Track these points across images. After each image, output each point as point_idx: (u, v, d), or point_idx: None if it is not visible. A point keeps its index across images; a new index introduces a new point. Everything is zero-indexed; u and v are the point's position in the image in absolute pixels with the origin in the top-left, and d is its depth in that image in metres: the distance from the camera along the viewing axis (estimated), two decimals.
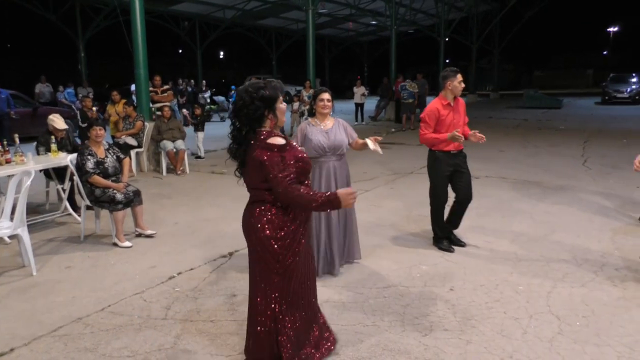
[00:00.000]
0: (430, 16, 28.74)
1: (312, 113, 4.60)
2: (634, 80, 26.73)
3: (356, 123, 18.50)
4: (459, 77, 4.89)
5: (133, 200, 5.42)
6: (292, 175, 2.57)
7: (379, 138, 4.47)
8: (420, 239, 5.43)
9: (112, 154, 5.52)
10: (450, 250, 5.06)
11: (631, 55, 42.94)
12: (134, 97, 11.71)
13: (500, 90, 36.09)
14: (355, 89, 19.25)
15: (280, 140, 2.60)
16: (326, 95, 4.39)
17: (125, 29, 9.80)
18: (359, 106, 18.93)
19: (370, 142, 4.37)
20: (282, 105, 2.70)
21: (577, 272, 4.47)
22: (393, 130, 16.37)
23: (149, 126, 9.41)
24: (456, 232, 5.36)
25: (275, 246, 2.68)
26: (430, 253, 5.03)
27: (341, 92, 32.96)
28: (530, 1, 31.33)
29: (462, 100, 5.09)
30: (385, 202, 6.95)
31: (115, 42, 17.06)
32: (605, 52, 47.97)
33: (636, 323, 3.53)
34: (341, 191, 2.56)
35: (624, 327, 3.48)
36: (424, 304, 3.90)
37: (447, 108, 4.94)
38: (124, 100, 9.88)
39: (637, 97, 24.68)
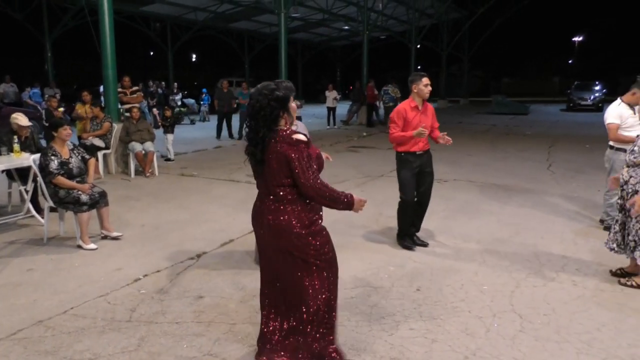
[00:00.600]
0: (402, 22, 29.09)
1: None
2: (597, 87, 27.58)
3: (328, 127, 18.58)
4: (424, 80, 5.02)
5: (99, 201, 5.32)
6: (316, 171, 2.70)
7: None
8: (389, 240, 5.48)
9: (76, 154, 5.41)
10: (412, 249, 5.19)
11: (595, 63, 44.29)
12: (102, 99, 11.51)
13: (470, 97, 36.74)
14: (327, 93, 19.34)
15: (303, 137, 2.68)
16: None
17: (93, 29, 9.63)
18: (331, 110, 19.01)
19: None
20: (293, 104, 2.83)
21: (540, 272, 4.58)
22: (365, 134, 16.49)
23: (117, 127, 9.26)
24: (425, 233, 5.44)
25: (314, 242, 2.75)
26: (399, 254, 5.09)
27: (314, 96, 33.08)
28: (499, 10, 32.04)
29: (430, 106, 5.26)
30: None
31: (84, 43, 16.75)
32: (570, 61, 49.30)
33: (594, 320, 3.64)
34: (357, 197, 2.80)
35: (583, 324, 3.59)
36: (391, 304, 3.94)
37: (415, 110, 5.08)
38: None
39: (600, 104, 25.43)
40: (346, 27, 30.18)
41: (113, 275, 4.50)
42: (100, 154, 8.91)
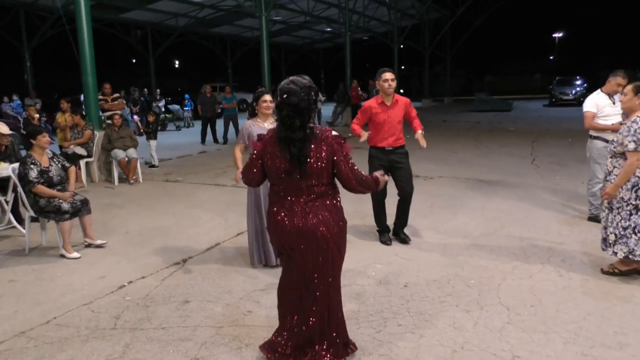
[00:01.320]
0: (384, 23, 29.22)
1: (253, 114, 4.75)
2: (579, 82, 27.94)
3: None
4: (384, 75, 5.01)
5: (81, 209, 5.24)
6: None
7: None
8: (376, 238, 5.47)
9: (56, 162, 5.33)
10: (387, 244, 5.24)
11: (575, 59, 44.85)
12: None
13: (453, 96, 36.99)
14: None
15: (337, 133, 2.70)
16: (268, 97, 4.62)
17: (72, 37, 9.52)
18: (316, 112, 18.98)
19: None
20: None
21: (526, 264, 4.60)
22: (350, 134, 16.49)
23: (98, 135, 9.15)
24: (411, 229, 5.43)
25: (345, 228, 2.84)
26: (385, 251, 5.08)
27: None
28: (478, 9, 32.35)
29: (403, 100, 5.22)
30: (342, 203, 6.97)
31: (64, 51, 16.57)
32: (551, 57, 49.87)
33: (580, 310, 3.66)
34: (377, 174, 2.95)
35: (569, 314, 3.60)
36: (378, 301, 3.93)
37: (382, 107, 5.11)
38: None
39: (581, 99, 25.66)
40: (328, 29, 30.24)
41: (97, 283, 4.43)
42: (82, 163, 8.81)
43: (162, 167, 10.69)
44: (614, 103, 5.56)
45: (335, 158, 2.64)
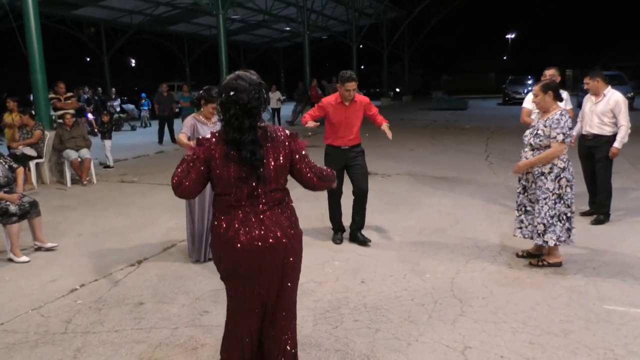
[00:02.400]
0: (342, 22, 29.40)
1: (198, 106, 4.71)
2: (530, 82, 28.83)
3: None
4: (347, 85, 4.88)
5: (29, 212, 5.06)
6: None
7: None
8: (331, 236, 5.50)
9: (3, 163, 5.13)
10: (337, 243, 5.25)
11: (527, 58, 46.37)
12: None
13: (411, 94, 37.57)
14: (270, 94, 19.17)
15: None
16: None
17: (19, 35, 9.17)
18: (275, 111, 18.95)
19: None
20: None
21: (479, 258, 4.74)
22: (310, 133, 16.51)
23: (49, 135, 8.85)
24: (368, 226, 5.49)
25: (302, 238, 2.56)
26: (344, 249, 5.13)
27: None
28: (434, 9, 32.99)
29: (362, 99, 5.17)
30: (299, 202, 6.94)
31: (12, 49, 15.95)
32: (505, 57, 51.35)
33: (529, 300, 3.80)
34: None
35: (518, 304, 3.73)
36: (335, 297, 3.96)
37: (340, 106, 5.06)
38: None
39: None
40: (287, 28, 30.17)
41: (47, 287, 4.29)
42: (32, 164, 8.50)
43: (117, 168, 10.43)
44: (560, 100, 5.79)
45: (293, 158, 2.41)
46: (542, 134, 4.26)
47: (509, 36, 49.08)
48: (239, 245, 2.32)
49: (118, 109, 20.35)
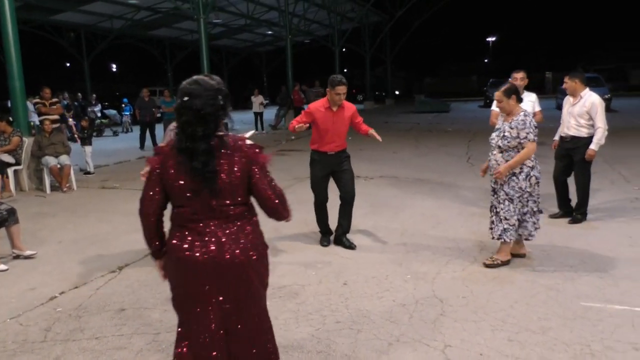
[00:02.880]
0: (325, 26, 29.52)
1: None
2: None
3: (257, 132, 18.49)
4: (337, 89, 4.87)
5: (7, 219, 4.99)
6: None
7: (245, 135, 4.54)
8: (315, 239, 5.52)
9: None
10: (324, 245, 5.26)
11: (508, 61, 46.89)
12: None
13: (394, 97, 37.83)
14: (253, 98, 19.25)
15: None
16: None
17: None
18: (258, 115, 18.94)
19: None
20: None
21: (459, 258, 4.79)
22: (293, 137, 16.54)
23: (27, 141, 8.74)
24: (351, 228, 5.50)
25: (267, 260, 2.35)
26: (327, 251, 5.14)
27: (241, 103, 32.81)
28: (416, 13, 33.28)
29: (349, 106, 5.13)
30: None
31: None
32: (486, 60, 52.00)
33: (508, 298, 3.85)
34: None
35: (498, 303, 3.79)
36: (318, 300, 3.97)
37: (328, 112, 5.03)
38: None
39: None
40: (269, 32, 30.21)
41: (26, 296, 4.24)
42: (10, 171, 8.38)
43: (98, 174, 10.33)
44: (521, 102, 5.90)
45: (250, 171, 2.19)
46: (510, 136, 4.34)
47: (490, 39, 49.74)
48: (193, 261, 2.15)
49: (99, 115, 20.17)
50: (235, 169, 2.15)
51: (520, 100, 4.47)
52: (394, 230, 5.76)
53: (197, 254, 2.15)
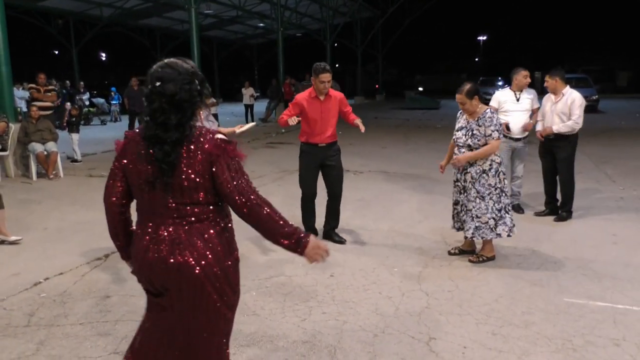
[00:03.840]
0: (317, 20, 29.43)
1: None
2: (500, 83, 29.33)
3: (256, 124, 18.42)
4: (322, 77, 4.80)
5: None
6: (250, 181, 2.01)
7: (244, 126, 4.53)
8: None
9: None
10: None
11: (498, 60, 47.17)
12: None
13: (385, 93, 37.85)
14: (243, 91, 19.18)
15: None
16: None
17: None
18: (249, 107, 18.87)
19: (237, 130, 4.44)
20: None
21: (446, 252, 4.82)
22: (283, 130, 16.51)
23: (14, 127, 8.63)
24: (340, 222, 5.50)
25: (233, 272, 2.05)
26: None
27: (232, 95, 32.66)
28: (408, 9, 33.34)
29: (336, 94, 5.08)
30: (271, 198, 6.93)
31: None
32: (477, 58, 52.24)
33: (493, 293, 3.89)
34: (313, 242, 2.05)
35: (483, 297, 3.83)
36: (304, 291, 3.99)
37: (315, 101, 4.95)
38: None
39: None
40: (261, 25, 30.04)
41: (9, 281, 4.20)
42: None
43: (85, 162, 10.25)
44: (517, 100, 5.95)
45: (214, 168, 1.93)
46: (479, 134, 4.38)
47: (480, 38, 49.96)
48: (148, 258, 1.98)
49: (87, 103, 19.96)
50: (196, 164, 1.92)
51: (482, 99, 4.49)
52: (382, 224, 5.78)
53: (151, 254, 1.97)
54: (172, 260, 1.93)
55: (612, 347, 3.11)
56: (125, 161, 2.01)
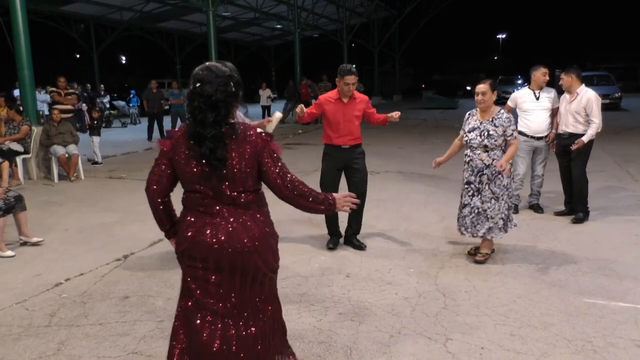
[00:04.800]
0: (333, 21, 29.44)
1: None
2: (520, 82, 29.09)
3: (280, 114, 18.51)
4: (347, 79, 4.73)
5: (14, 206, 5.04)
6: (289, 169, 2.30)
7: (271, 119, 4.53)
8: (320, 232, 5.52)
9: None
10: (330, 248, 4.97)
11: (517, 59, 46.66)
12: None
13: (402, 93, 37.68)
14: (261, 92, 19.28)
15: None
16: None
17: (6, 30, 9.14)
18: (266, 109, 18.95)
19: (267, 124, 4.40)
20: None
21: (463, 253, 4.79)
22: (300, 131, 16.55)
23: (36, 130, 8.80)
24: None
25: (276, 246, 2.39)
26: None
27: (249, 96, 32.84)
28: (425, 9, 33.14)
29: (361, 97, 4.98)
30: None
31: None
32: (495, 57, 51.71)
33: (510, 294, 3.85)
34: (338, 195, 2.39)
35: (500, 298, 3.79)
36: (320, 291, 3.99)
37: (338, 103, 4.90)
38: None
39: None
40: (278, 26, 30.17)
41: (32, 281, 4.28)
42: (19, 159, 8.45)
43: (106, 164, 10.40)
44: (537, 99, 5.87)
45: (260, 159, 2.21)
46: (495, 134, 4.36)
47: (499, 36, 49.43)
48: (204, 242, 2.19)
49: (107, 106, 20.26)
50: (246, 157, 2.17)
51: (499, 98, 4.55)
52: (398, 225, 5.76)
53: (207, 239, 2.18)
54: (233, 245, 2.17)
55: (633, 348, 3.06)
56: (175, 158, 2.22)
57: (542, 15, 49.87)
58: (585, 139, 5.51)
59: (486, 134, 4.38)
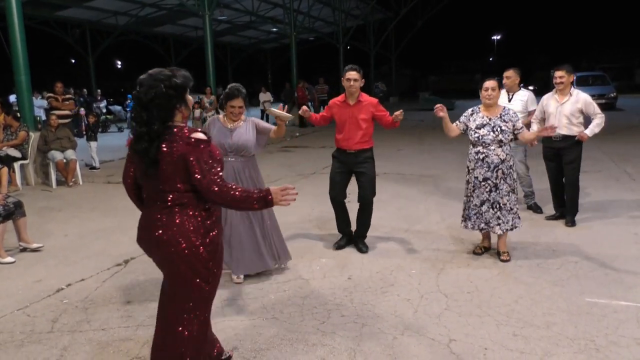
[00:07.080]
0: (329, 24, 29.46)
1: (222, 107, 4.32)
2: None
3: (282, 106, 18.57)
4: (347, 74, 4.72)
5: (14, 212, 5.02)
6: (221, 174, 2.35)
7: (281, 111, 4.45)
8: (323, 234, 5.54)
9: None
10: (334, 248, 5.02)
11: (513, 59, 46.73)
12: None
13: (399, 95, 37.74)
14: (261, 95, 19.36)
15: (203, 136, 2.34)
16: (237, 102, 4.14)
17: (3, 35, 9.13)
18: (264, 112, 18.96)
19: (277, 112, 4.28)
20: (190, 97, 2.45)
21: (464, 254, 4.80)
22: (297, 134, 16.55)
23: (34, 136, 8.78)
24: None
25: (205, 252, 2.38)
26: (330, 246, 5.15)
27: (248, 100, 32.74)
28: (420, 11, 33.23)
29: (370, 100, 4.90)
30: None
31: None
32: (491, 58, 51.86)
33: (513, 294, 3.86)
34: (274, 188, 2.39)
35: (502, 298, 3.79)
36: (322, 294, 3.99)
37: (344, 105, 4.87)
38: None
39: None
40: (274, 29, 30.17)
41: (33, 287, 4.27)
42: (17, 165, 8.43)
43: (103, 169, 10.37)
44: (509, 101, 5.94)
45: (187, 163, 2.29)
46: (507, 129, 4.50)
47: (494, 37, 49.60)
48: (141, 236, 2.49)
49: (104, 111, 20.24)
50: (174, 156, 2.30)
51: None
52: (399, 226, 5.77)
53: (143, 230, 2.47)
54: (156, 236, 2.37)
55: (636, 346, 3.07)
56: (131, 153, 2.47)
57: (537, 16, 50.10)
58: (589, 132, 5.43)
59: (499, 129, 4.47)
